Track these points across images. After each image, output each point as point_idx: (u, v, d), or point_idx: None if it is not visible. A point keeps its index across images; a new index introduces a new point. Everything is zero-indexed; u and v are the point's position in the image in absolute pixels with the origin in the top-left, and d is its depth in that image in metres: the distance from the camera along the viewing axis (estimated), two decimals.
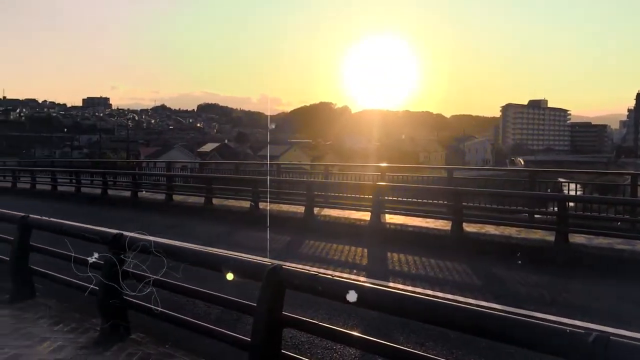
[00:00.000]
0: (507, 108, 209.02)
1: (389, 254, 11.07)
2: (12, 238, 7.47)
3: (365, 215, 14.29)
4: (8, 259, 7.42)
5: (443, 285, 8.69)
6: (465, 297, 7.95)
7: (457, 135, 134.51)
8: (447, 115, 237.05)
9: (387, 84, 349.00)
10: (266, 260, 9.49)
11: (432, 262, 10.34)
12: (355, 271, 9.64)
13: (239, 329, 5.57)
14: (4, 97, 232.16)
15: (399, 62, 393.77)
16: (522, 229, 12.50)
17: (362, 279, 9.10)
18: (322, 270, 9.16)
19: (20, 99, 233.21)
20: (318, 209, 15.67)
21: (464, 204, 12.88)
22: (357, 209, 15.09)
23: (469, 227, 12.61)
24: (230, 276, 4.53)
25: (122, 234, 5.81)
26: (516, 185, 16.91)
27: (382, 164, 23.81)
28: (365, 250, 11.66)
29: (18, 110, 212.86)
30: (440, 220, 13.47)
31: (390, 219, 14.21)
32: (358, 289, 3.75)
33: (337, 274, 9.18)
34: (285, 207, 16.56)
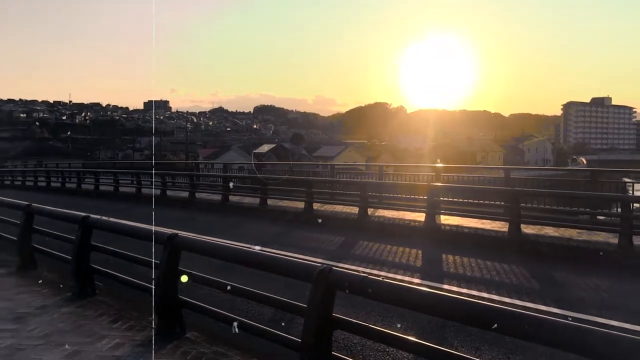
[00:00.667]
0: (568, 106, 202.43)
1: (443, 256, 10.90)
2: (74, 237, 7.73)
3: (420, 216, 14.12)
4: (71, 257, 7.69)
5: (499, 288, 8.48)
6: (522, 300, 7.73)
7: (516, 134, 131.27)
8: (506, 114, 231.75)
9: (444, 83, 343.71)
10: (318, 261, 9.53)
11: (489, 264, 10.10)
12: (409, 273, 9.52)
13: (293, 330, 5.59)
14: (70, 102, 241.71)
15: (456, 61, 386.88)
16: (583, 231, 12.07)
17: (416, 280, 8.99)
18: (375, 272, 9.14)
19: (85, 103, 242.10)
20: (372, 209, 15.59)
21: (522, 204, 12.54)
22: (412, 209, 14.93)
23: (527, 229, 12.27)
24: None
25: (176, 234, 5.93)
26: (578, 185, 16.35)
27: (437, 165, 23.50)
28: (420, 251, 11.51)
29: (83, 114, 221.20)
30: (497, 222, 13.16)
31: (446, 220, 14.00)
32: (407, 291, 3.70)
33: (390, 275, 9.10)
34: (339, 208, 16.56)
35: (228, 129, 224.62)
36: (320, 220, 15.05)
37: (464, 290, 8.25)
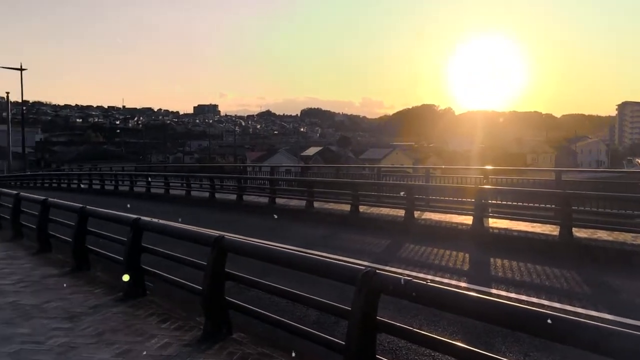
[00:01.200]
0: (623, 106, 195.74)
1: (491, 260, 10.71)
2: (125, 239, 7.94)
3: (468, 219, 13.90)
4: (122, 258, 7.90)
5: (549, 294, 8.26)
6: (573, 306, 7.52)
7: (569, 135, 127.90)
8: (558, 114, 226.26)
9: (493, 84, 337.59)
10: (363, 264, 9.50)
11: (538, 268, 9.87)
12: (456, 276, 9.39)
13: (338, 332, 5.60)
14: (124, 107, 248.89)
15: (506, 61, 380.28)
16: (639, 235, 11.64)
17: (463, 284, 8.86)
18: (421, 275, 9.06)
19: (138, 107, 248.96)
20: (419, 212, 15.45)
21: (573, 207, 12.20)
22: (459, 212, 14.73)
23: (579, 233, 11.93)
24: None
25: (223, 237, 6.02)
26: (633, 188, 15.80)
27: (485, 167, 23.10)
28: (467, 255, 11.34)
29: (136, 119, 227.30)
30: (548, 225, 12.82)
31: (494, 223, 13.75)
32: (451, 295, 3.65)
33: (436, 279, 9.00)
34: (385, 211, 16.49)
35: (275, 132, 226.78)
36: (366, 223, 15.03)
37: (513, 295, 8.08)
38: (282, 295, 5.57)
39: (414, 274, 9.16)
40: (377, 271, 4.25)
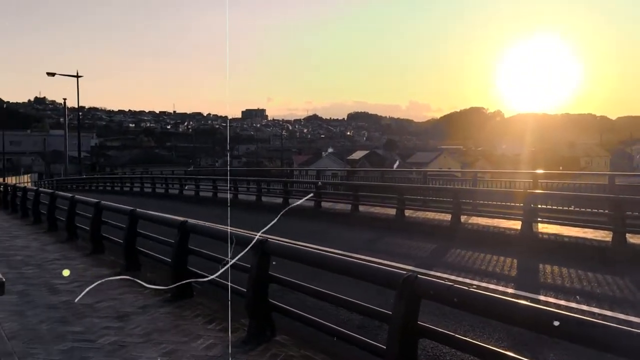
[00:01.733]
0: None
1: (540, 266, 10.47)
2: (173, 241, 8.13)
3: (516, 224, 13.64)
4: (170, 260, 8.09)
5: (601, 301, 8.03)
6: (627, 314, 7.29)
7: (624, 138, 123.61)
8: (613, 117, 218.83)
9: (544, 86, 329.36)
10: (408, 268, 9.45)
11: (589, 275, 9.59)
12: (502, 282, 9.23)
13: (381, 337, 5.60)
14: (174, 112, 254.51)
15: (558, 63, 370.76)
16: None
17: (510, 290, 8.71)
18: (467, 281, 8.96)
19: (188, 112, 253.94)
20: (465, 216, 15.24)
21: (627, 213, 11.81)
22: (507, 217, 14.45)
23: (633, 239, 11.55)
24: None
25: (267, 240, 6.10)
26: None
27: (536, 171, 22.62)
28: (515, 260, 11.13)
29: (186, 123, 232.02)
30: (600, 231, 12.46)
31: (544, 228, 13.44)
32: (494, 302, 3.61)
33: (483, 284, 8.88)
34: (431, 215, 16.34)
35: (322, 135, 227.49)
36: (412, 227, 14.93)
37: (562, 302, 7.89)
38: (325, 298, 5.60)
39: (459, 279, 9.05)
40: (418, 276, 4.23)
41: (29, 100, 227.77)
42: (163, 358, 5.52)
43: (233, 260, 6.96)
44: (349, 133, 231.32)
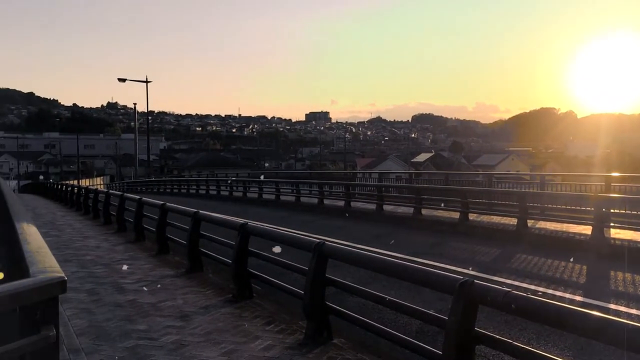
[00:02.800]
0: None
1: (612, 273, 10.02)
2: (234, 243, 8.26)
3: (586, 229, 13.09)
4: (231, 262, 8.22)
5: None
6: None
7: None
8: None
9: (620, 85, 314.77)
10: (470, 273, 9.24)
11: None
12: (570, 290, 8.87)
13: (440, 342, 5.49)
14: (240, 115, 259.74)
15: (635, 60, 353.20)
16: None
17: (577, 298, 8.36)
18: (531, 287, 8.66)
19: (253, 115, 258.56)
20: (532, 221, 14.76)
21: None
22: (577, 222, 13.90)
23: None
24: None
25: (324, 243, 6.10)
26: None
27: (610, 174, 21.69)
28: (584, 267, 10.69)
29: (251, 126, 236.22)
30: None
31: (617, 234, 12.86)
32: (556, 310, 3.47)
33: (549, 291, 8.57)
34: (496, 219, 15.93)
35: (386, 138, 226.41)
36: (476, 231, 14.61)
37: (634, 312, 7.51)
38: (381, 301, 5.55)
39: (523, 285, 8.78)
40: (475, 281, 4.12)
41: (102, 106, 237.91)
42: (222, 357, 5.61)
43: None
44: (413, 135, 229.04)
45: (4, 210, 6.99)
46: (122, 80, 48.91)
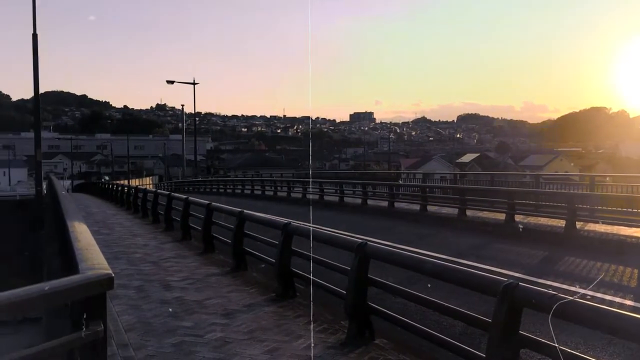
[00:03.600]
0: None
1: None
2: (277, 242, 8.35)
3: (639, 232, 12.71)
4: (274, 261, 8.32)
5: None
6: None
7: None
8: None
9: None
10: (515, 276, 9.09)
11: None
12: (620, 293, 8.63)
13: (484, 345, 5.43)
14: (284, 116, 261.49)
15: None
16: None
17: (628, 302, 8.13)
18: (580, 291, 8.45)
19: (297, 116, 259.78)
20: (581, 223, 14.40)
21: None
22: (629, 224, 13.50)
23: None
24: None
25: (366, 243, 6.12)
26: None
27: None
28: (636, 270, 10.36)
29: (295, 127, 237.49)
30: None
31: None
32: (604, 314, 3.40)
33: (598, 295, 8.35)
34: (543, 220, 15.58)
35: (430, 138, 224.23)
36: (521, 229, 14.34)
37: None
38: (424, 303, 5.53)
39: (571, 289, 8.58)
40: (520, 284, 4.07)
41: (151, 107, 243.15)
42: (265, 355, 5.69)
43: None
44: (458, 135, 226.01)
45: (58, 209, 7.26)
46: (171, 82, 49.99)
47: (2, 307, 2.72)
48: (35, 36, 24.68)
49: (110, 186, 33.59)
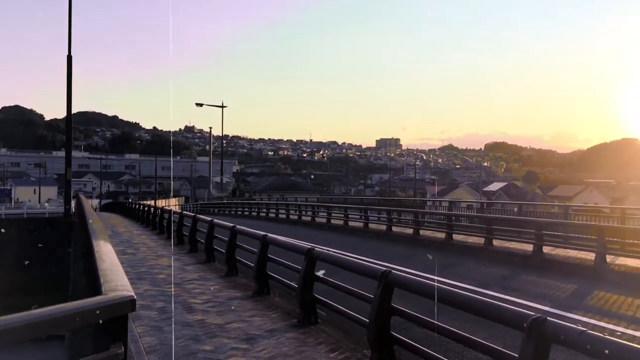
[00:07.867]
0: None
1: None
2: (300, 267, 8.30)
3: None
4: (297, 286, 8.26)
5: None
6: None
7: None
8: None
9: None
10: (543, 309, 8.88)
11: None
12: None
13: None
14: (311, 140, 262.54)
15: None
16: None
17: None
18: (610, 327, 8.24)
19: (323, 141, 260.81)
20: (612, 256, 14.07)
21: None
22: None
23: None
24: None
25: (390, 271, 6.04)
26: None
27: None
28: None
29: (321, 152, 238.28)
30: None
31: None
32: (632, 352, 3.27)
33: (629, 332, 8.12)
34: (572, 253, 15.27)
35: (457, 166, 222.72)
36: (550, 265, 14.05)
37: None
38: (448, 335, 5.41)
39: (601, 324, 8.36)
40: (548, 318, 3.95)
41: (180, 129, 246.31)
42: None
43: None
44: (485, 164, 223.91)
45: (84, 228, 7.34)
46: (200, 104, 50.70)
47: (20, 328, 2.73)
48: (69, 57, 25.34)
49: (137, 206, 33.97)
